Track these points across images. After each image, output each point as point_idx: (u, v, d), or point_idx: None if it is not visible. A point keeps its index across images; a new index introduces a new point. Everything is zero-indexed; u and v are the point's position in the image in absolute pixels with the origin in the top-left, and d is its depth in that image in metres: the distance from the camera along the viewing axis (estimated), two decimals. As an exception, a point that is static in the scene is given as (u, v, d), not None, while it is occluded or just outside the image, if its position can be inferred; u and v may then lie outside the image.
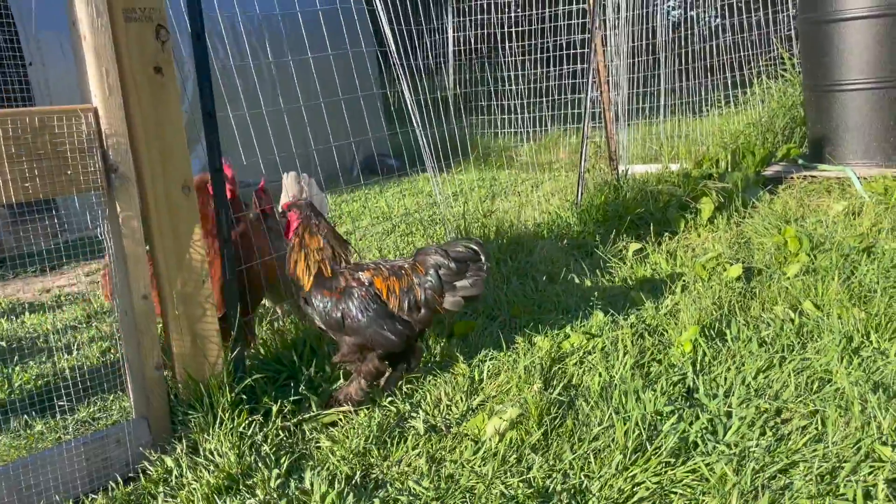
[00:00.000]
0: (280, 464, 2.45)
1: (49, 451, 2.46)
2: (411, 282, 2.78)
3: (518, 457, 2.39)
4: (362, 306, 2.76)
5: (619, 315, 3.36)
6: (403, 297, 2.77)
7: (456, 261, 2.76)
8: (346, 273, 2.84)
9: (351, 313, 2.77)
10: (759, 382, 2.70)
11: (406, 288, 2.78)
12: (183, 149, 2.67)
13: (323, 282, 2.82)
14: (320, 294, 2.81)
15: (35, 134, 2.31)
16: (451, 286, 2.77)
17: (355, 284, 2.79)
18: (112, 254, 2.54)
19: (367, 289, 2.78)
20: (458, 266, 2.76)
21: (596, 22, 4.89)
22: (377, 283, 2.80)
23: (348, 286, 2.79)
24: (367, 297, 2.77)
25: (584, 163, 4.99)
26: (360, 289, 2.79)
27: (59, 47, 6.84)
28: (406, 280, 2.79)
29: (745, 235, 4.46)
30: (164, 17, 2.59)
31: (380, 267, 2.86)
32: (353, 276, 2.82)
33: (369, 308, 2.76)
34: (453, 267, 2.75)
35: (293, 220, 2.89)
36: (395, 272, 2.82)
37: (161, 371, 2.61)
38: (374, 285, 2.79)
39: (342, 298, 2.78)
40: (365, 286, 2.79)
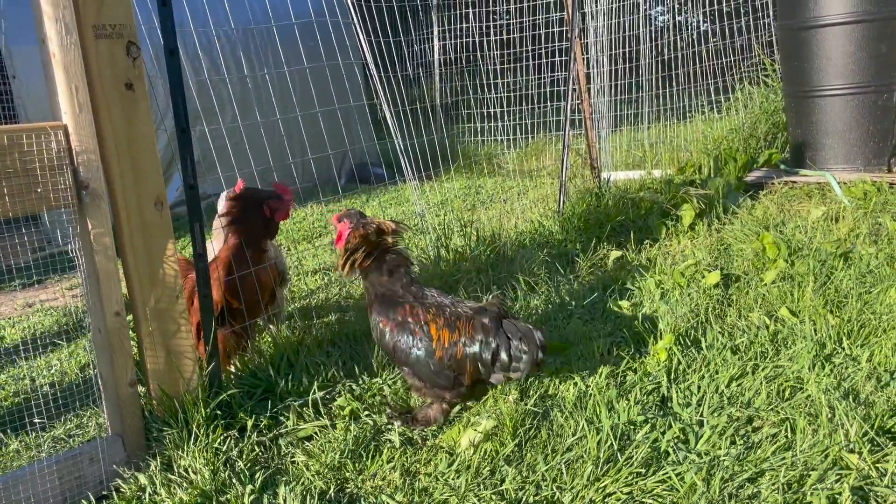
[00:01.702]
0: (255, 479, 2.45)
1: (22, 470, 2.45)
2: (458, 339, 2.59)
3: (492, 469, 2.39)
4: (415, 345, 2.63)
5: (596, 323, 3.37)
6: (445, 353, 2.59)
7: (513, 349, 2.52)
8: (408, 303, 2.71)
9: (403, 349, 2.66)
10: (732, 390, 2.71)
11: (453, 342, 2.59)
12: (155, 164, 2.67)
13: (384, 304, 2.73)
14: (378, 319, 2.72)
15: (3, 152, 2.31)
16: (494, 363, 2.55)
17: (412, 320, 2.66)
18: (84, 271, 2.53)
19: (423, 328, 2.64)
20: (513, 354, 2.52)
21: (575, 30, 4.92)
22: (433, 330, 2.63)
23: (405, 320, 2.67)
24: (419, 335, 2.63)
25: (566, 171, 5.01)
26: (416, 326, 2.65)
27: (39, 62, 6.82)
28: (457, 335, 2.60)
29: (725, 242, 4.48)
30: (134, 34, 2.59)
31: (442, 308, 2.68)
32: (413, 310, 2.68)
33: (420, 348, 2.63)
34: (505, 354, 2.52)
35: (344, 230, 2.80)
36: (450, 323, 2.62)
37: (135, 388, 2.60)
38: (429, 328, 2.63)
39: (396, 331, 2.67)
40: (420, 324, 2.65)
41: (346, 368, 3.13)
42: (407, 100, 4.86)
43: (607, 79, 6.26)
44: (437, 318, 2.64)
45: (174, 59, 2.80)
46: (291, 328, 3.51)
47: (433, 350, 2.60)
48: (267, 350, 3.23)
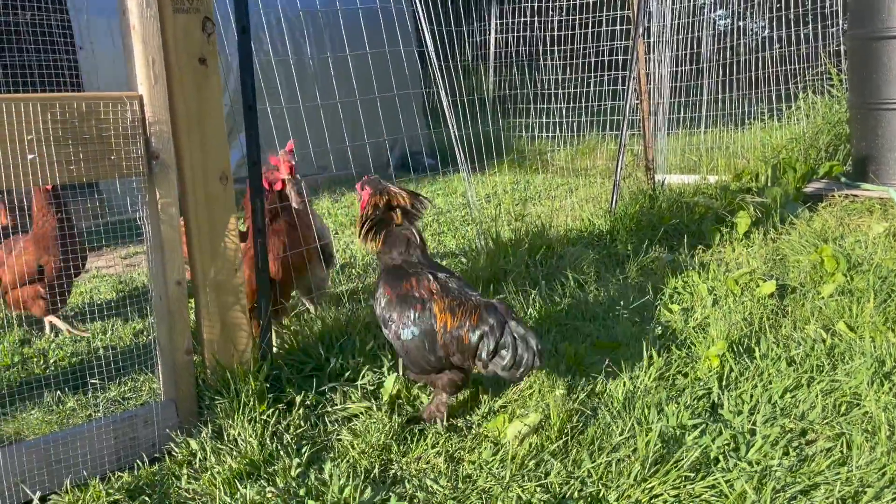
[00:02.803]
0: (301, 454, 2.49)
1: (80, 427, 2.53)
2: (462, 324, 2.53)
3: (537, 462, 2.39)
4: (411, 320, 2.59)
5: (646, 325, 3.33)
6: (447, 335, 2.55)
7: (516, 343, 2.46)
8: (415, 275, 2.66)
9: (397, 321, 2.62)
10: (786, 401, 2.66)
11: (456, 326, 2.54)
12: (222, 139, 2.73)
13: (392, 274, 2.69)
14: (382, 287, 2.69)
15: (82, 119, 2.38)
16: (493, 357, 2.50)
17: (416, 295, 2.61)
18: (149, 239, 2.60)
19: (424, 304, 2.59)
20: (515, 348, 2.46)
21: (639, 30, 4.85)
22: (436, 308, 2.58)
23: (410, 293, 2.63)
24: (419, 310, 2.58)
25: (621, 170, 4.96)
26: (418, 301, 2.59)
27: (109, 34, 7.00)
28: (458, 320, 2.54)
29: (780, 252, 4.39)
30: (210, 10, 2.65)
31: (448, 287, 2.64)
32: (420, 282, 2.64)
33: (417, 325, 2.58)
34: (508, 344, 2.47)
35: (366, 195, 2.75)
36: (452, 307, 2.56)
37: (191, 356, 2.67)
38: (432, 307, 2.58)
39: (395, 302, 2.63)
40: (423, 300, 2.60)
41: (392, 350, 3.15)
42: (459, 91, 4.86)
43: (667, 80, 6.17)
44: (442, 299, 2.59)
45: (245, 36, 2.85)
46: (340, 309, 3.55)
47: (434, 329, 2.56)
48: (316, 329, 3.27)
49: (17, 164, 2.27)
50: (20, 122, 2.26)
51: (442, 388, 2.67)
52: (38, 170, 2.31)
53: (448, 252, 5.10)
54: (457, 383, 2.66)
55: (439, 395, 2.70)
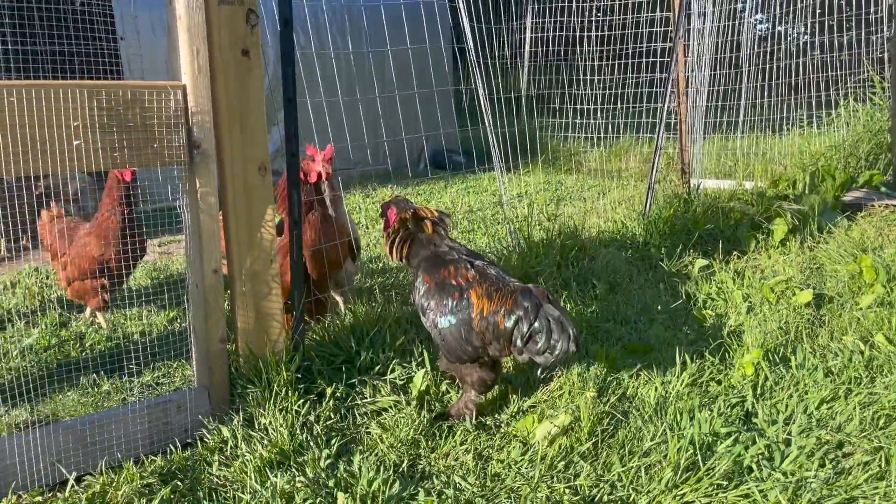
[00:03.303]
0: (330, 445, 2.50)
1: (115, 410, 2.57)
2: (497, 309, 2.52)
3: (566, 463, 2.37)
4: (448, 308, 2.60)
5: (679, 330, 3.29)
6: (483, 321, 2.54)
7: (550, 326, 2.44)
8: (453, 262, 2.69)
9: (435, 309, 2.63)
10: (822, 413, 2.61)
11: (492, 312, 2.52)
12: (263, 131, 2.75)
13: (431, 262, 2.71)
14: (422, 276, 2.70)
15: (127, 106, 2.41)
16: (527, 343, 2.48)
17: (453, 282, 2.62)
18: (188, 227, 2.63)
19: (462, 292, 2.59)
20: (549, 332, 2.44)
21: (679, 31, 4.79)
22: (473, 295, 2.58)
23: (449, 280, 2.64)
24: (457, 298, 2.59)
25: (655, 173, 4.91)
26: (456, 289, 2.60)
27: (150, 25, 7.11)
28: (494, 305, 2.53)
29: (818, 261, 4.31)
30: (255, 2, 2.67)
31: (486, 273, 2.65)
32: (458, 270, 2.65)
33: (454, 313, 2.58)
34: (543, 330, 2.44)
35: (392, 216, 2.85)
36: (489, 293, 2.56)
37: (225, 344, 2.69)
38: (469, 294, 2.58)
39: (434, 290, 2.64)
40: (461, 288, 2.60)
41: (424, 345, 3.16)
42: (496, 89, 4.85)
43: (706, 83, 6.09)
44: (480, 285, 2.59)
45: (288, 29, 2.87)
46: (370, 303, 3.56)
47: (471, 318, 2.55)
48: (347, 321, 3.29)
49: (62, 149, 2.31)
50: (67, 107, 2.30)
51: (472, 386, 2.67)
52: (84, 156, 2.34)
53: (478, 250, 5.09)
54: (486, 382, 2.66)
55: (468, 393, 2.70)
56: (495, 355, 2.59)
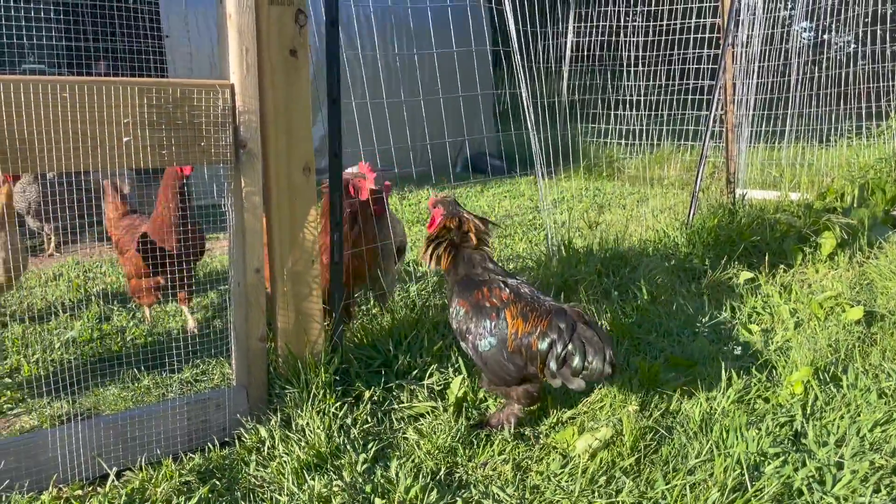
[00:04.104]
0: (367, 449, 2.48)
1: (155, 406, 2.58)
2: (532, 330, 2.49)
3: (608, 478, 2.32)
4: (487, 330, 2.56)
5: (724, 345, 3.21)
6: (518, 341, 2.51)
7: (585, 348, 2.39)
8: (486, 283, 2.64)
9: (474, 333, 2.59)
10: (876, 436, 2.52)
11: (527, 333, 2.50)
12: (308, 131, 2.74)
13: (463, 286, 2.68)
14: (456, 300, 2.67)
15: (176, 105, 2.42)
16: (562, 367, 2.44)
17: (488, 304, 2.58)
18: (232, 226, 2.63)
19: (499, 312, 2.56)
20: (584, 353, 2.39)
21: (728, 38, 4.69)
22: (508, 315, 2.55)
23: (484, 302, 2.60)
24: (494, 319, 2.56)
25: (700, 182, 4.81)
26: (492, 310, 2.57)
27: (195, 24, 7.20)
28: (530, 325, 2.50)
29: (867, 277, 4.18)
30: (304, 2, 2.66)
31: (520, 292, 2.61)
32: (492, 291, 2.61)
33: (493, 334, 2.55)
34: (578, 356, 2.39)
35: (437, 216, 2.80)
36: (524, 313, 2.53)
37: (264, 343, 2.69)
38: (505, 314, 2.55)
39: (472, 312, 2.60)
40: (497, 309, 2.57)
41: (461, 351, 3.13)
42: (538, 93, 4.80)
43: (753, 92, 5.96)
44: (515, 305, 2.55)
45: (334, 29, 2.86)
46: (409, 307, 3.54)
47: (506, 337, 2.52)
48: (385, 324, 3.27)
49: (112, 145, 2.33)
50: (118, 104, 2.31)
51: (517, 400, 2.62)
52: (133, 153, 2.36)
53: (515, 256, 5.05)
54: (532, 395, 2.62)
55: (511, 406, 2.65)
56: (534, 374, 2.53)
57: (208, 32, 7.36)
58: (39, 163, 2.23)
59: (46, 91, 2.19)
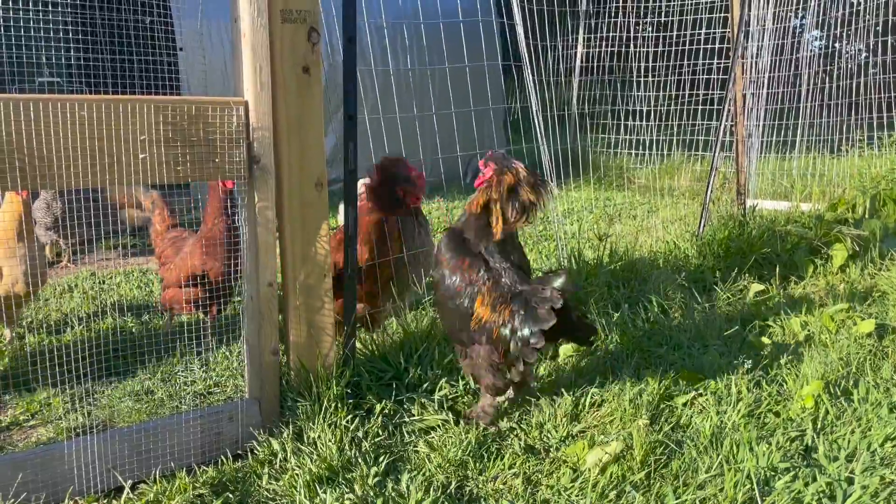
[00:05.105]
0: (378, 462, 2.49)
1: (169, 418, 2.61)
2: (497, 320, 2.60)
3: (618, 492, 2.33)
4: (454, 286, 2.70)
5: (735, 358, 3.21)
6: (482, 332, 2.66)
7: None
8: (470, 256, 2.72)
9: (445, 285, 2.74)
10: (887, 450, 2.51)
11: (492, 322, 2.62)
12: (320, 147, 2.78)
13: (453, 239, 2.76)
14: (444, 251, 2.76)
15: (191, 121, 2.47)
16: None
17: (466, 276, 2.69)
18: (245, 240, 2.67)
19: (473, 288, 2.67)
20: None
21: (738, 50, 4.71)
22: (477, 303, 2.66)
23: (474, 281, 2.69)
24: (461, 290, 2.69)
25: (710, 193, 4.81)
26: (472, 287, 2.67)
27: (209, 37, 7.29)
28: (497, 316, 2.61)
29: (879, 289, 4.16)
30: (317, 20, 2.70)
31: (499, 282, 2.67)
32: (472, 268, 2.69)
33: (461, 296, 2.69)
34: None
35: (488, 172, 2.73)
36: (494, 302, 2.62)
37: (277, 357, 2.72)
38: (475, 295, 2.67)
39: (449, 273, 2.72)
40: (472, 284, 2.67)
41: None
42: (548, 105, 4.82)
43: (763, 102, 5.97)
44: (489, 293, 2.64)
45: (351, 46, 2.90)
46: (420, 318, 3.56)
47: (469, 315, 2.66)
48: (396, 336, 3.29)
49: (129, 162, 2.37)
50: (135, 122, 2.36)
51: (486, 390, 2.72)
52: (148, 169, 2.40)
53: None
54: (498, 387, 2.71)
55: (485, 397, 2.75)
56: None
57: (221, 46, 7.45)
58: (58, 179, 2.27)
59: (65, 109, 2.24)
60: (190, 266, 3.53)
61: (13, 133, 2.17)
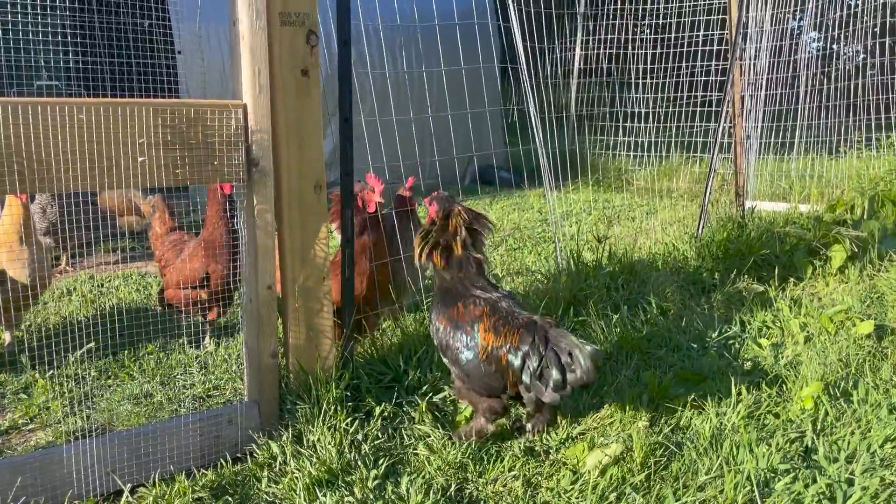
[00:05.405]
0: (378, 465, 2.49)
1: (168, 422, 2.61)
2: (502, 345, 2.51)
3: (618, 495, 2.32)
4: (463, 345, 2.58)
5: (734, 359, 3.21)
6: (490, 356, 2.53)
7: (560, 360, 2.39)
8: (465, 299, 2.64)
9: (453, 347, 2.61)
10: (887, 452, 2.51)
11: (497, 346, 2.52)
12: (319, 149, 2.78)
13: (444, 299, 2.69)
14: (436, 316, 2.69)
15: (189, 124, 2.46)
16: (537, 383, 2.45)
17: (465, 321, 2.59)
18: (244, 243, 2.67)
19: (473, 326, 2.57)
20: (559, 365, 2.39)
21: (736, 52, 4.71)
22: (481, 328, 2.56)
23: (460, 319, 2.61)
24: (469, 335, 2.58)
25: (709, 195, 4.82)
26: (468, 325, 2.58)
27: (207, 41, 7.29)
28: (501, 340, 2.51)
29: (878, 290, 4.17)
30: (315, 23, 2.71)
31: (497, 307, 2.60)
32: (466, 307, 2.62)
33: (468, 349, 2.57)
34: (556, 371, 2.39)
35: (433, 211, 2.74)
36: (495, 328, 2.54)
37: (276, 359, 2.72)
38: (478, 329, 2.56)
39: (450, 329, 2.62)
40: (471, 323, 2.58)
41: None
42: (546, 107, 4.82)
43: (761, 104, 5.98)
44: (489, 318, 2.56)
45: (346, 49, 2.90)
46: (419, 321, 3.56)
47: (479, 351, 2.54)
48: (396, 340, 3.29)
49: (128, 165, 2.37)
50: (133, 125, 2.35)
51: (482, 413, 2.63)
52: (147, 172, 2.40)
53: (524, 269, 5.07)
54: (496, 410, 2.62)
55: (479, 420, 2.65)
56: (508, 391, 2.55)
57: (220, 48, 7.45)
58: (57, 183, 2.27)
59: (63, 113, 2.23)
60: (190, 269, 3.51)
61: (12, 137, 2.16)
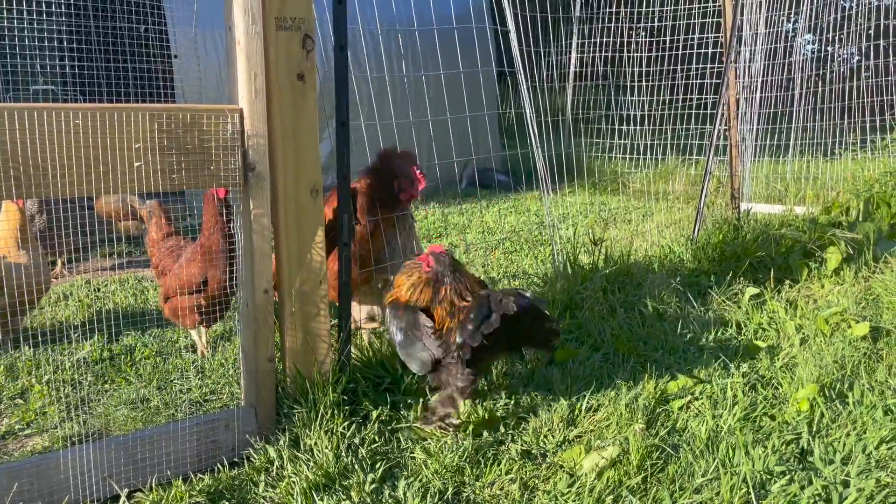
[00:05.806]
0: (375, 469, 2.50)
1: (165, 426, 2.61)
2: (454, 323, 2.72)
3: (615, 497, 2.33)
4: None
5: (730, 361, 3.22)
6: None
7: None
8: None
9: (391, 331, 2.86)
10: (882, 453, 2.52)
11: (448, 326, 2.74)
12: (315, 153, 2.78)
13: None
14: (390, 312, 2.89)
15: (186, 129, 2.47)
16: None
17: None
18: (240, 247, 2.67)
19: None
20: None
21: (731, 55, 4.73)
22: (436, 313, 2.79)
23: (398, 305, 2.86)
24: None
25: (705, 198, 4.83)
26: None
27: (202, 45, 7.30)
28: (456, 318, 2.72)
29: (873, 292, 4.18)
30: (311, 28, 2.71)
31: (458, 290, 2.80)
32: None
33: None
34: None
35: (425, 267, 2.88)
36: (452, 311, 2.76)
37: (273, 364, 2.72)
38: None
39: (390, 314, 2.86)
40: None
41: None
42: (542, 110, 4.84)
43: (756, 106, 6.00)
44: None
45: (343, 54, 2.91)
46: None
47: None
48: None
49: (124, 170, 2.37)
50: (129, 130, 2.36)
51: (456, 392, 2.79)
52: (143, 177, 2.40)
53: (521, 272, 5.07)
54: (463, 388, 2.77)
55: (450, 399, 2.81)
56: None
57: (216, 53, 7.45)
58: (52, 188, 2.27)
59: (59, 118, 2.23)
60: (188, 274, 3.51)
61: (8, 142, 2.17)
